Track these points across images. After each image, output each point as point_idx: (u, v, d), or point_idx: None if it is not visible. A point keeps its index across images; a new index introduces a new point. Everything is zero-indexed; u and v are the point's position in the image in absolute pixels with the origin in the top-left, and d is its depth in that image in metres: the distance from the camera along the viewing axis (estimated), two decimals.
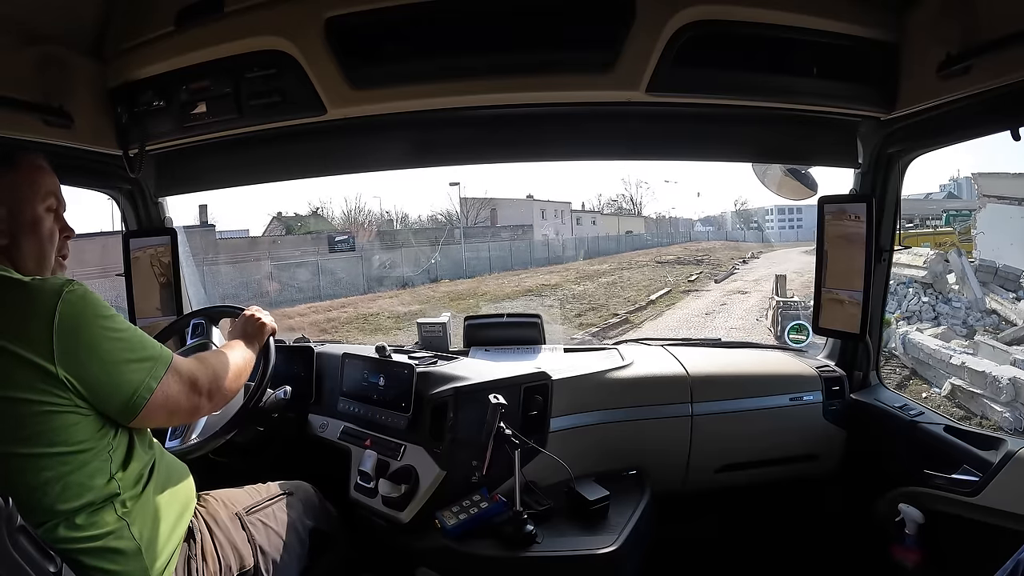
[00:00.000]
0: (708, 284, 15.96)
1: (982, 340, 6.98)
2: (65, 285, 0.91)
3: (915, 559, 1.50)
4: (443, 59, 1.33)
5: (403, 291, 15.26)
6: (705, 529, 1.88)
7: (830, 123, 1.57)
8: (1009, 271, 9.71)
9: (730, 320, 10.84)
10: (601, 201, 44.33)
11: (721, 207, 63.51)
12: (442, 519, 1.35)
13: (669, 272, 17.92)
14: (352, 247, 19.81)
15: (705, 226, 42.78)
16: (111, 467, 0.95)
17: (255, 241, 20.01)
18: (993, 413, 5.47)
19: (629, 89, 1.33)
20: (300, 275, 15.56)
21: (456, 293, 14.34)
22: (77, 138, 1.45)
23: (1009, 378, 5.45)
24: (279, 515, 1.28)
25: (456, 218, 28.17)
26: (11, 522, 0.79)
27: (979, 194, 10.59)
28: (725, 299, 12.99)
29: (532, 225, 27.66)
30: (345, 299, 13.94)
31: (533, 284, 15.47)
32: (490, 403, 1.32)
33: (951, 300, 8.45)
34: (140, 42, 1.42)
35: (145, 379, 0.95)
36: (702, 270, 18.57)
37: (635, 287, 14.99)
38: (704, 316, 11.44)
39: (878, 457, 1.71)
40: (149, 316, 1.90)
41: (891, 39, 1.35)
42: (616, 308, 12.00)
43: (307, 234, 22.43)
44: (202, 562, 1.09)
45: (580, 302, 12.89)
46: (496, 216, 28.39)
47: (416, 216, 33.91)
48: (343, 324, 11.36)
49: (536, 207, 29.39)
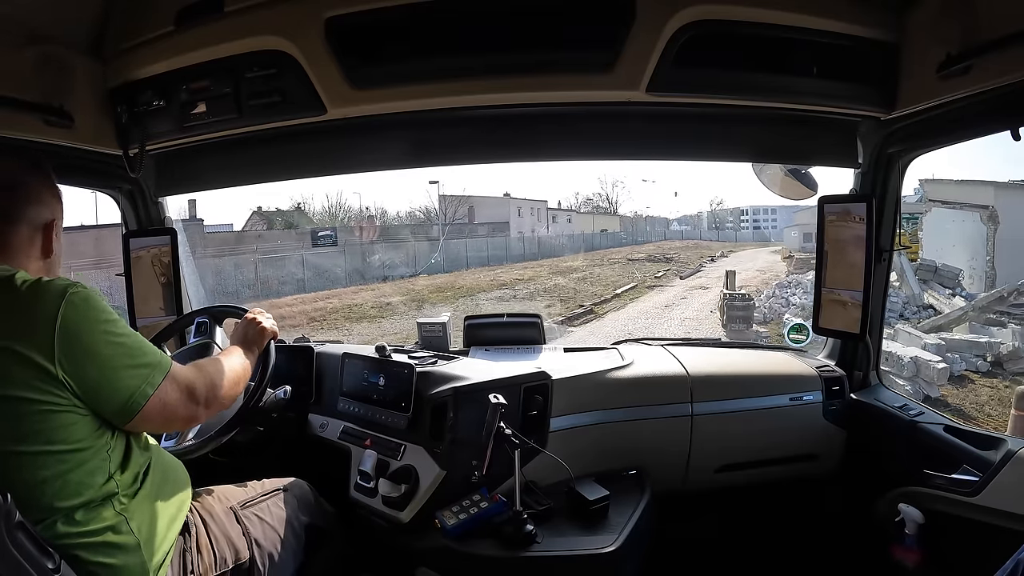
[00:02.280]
0: (674, 280, 16.76)
1: (900, 327, 8.03)
2: (69, 287, 0.92)
3: (915, 559, 1.50)
4: (443, 59, 1.33)
5: (384, 284, 15.89)
6: (705, 529, 1.88)
7: (830, 123, 1.57)
8: (947, 270, 10.66)
9: (687, 312, 11.73)
10: (578, 199, 45.25)
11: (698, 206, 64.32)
12: (442, 519, 1.35)
13: (638, 269, 18.79)
14: (335, 242, 20.15)
15: (681, 225, 43.60)
16: (110, 466, 0.96)
17: (241, 235, 20.49)
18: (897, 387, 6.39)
19: (629, 89, 1.33)
20: (286, 268, 16.00)
21: (435, 286, 15.01)
22: (77, 138, 1.45)
23: (911, 357, 6.56)
24: (274, 510, 1.29)
25: (435, 215, 28.69)
26: (9, 518, 0.80)
27: (926, 199, 11.17)
28: (686, 294, 13.93)
29: (508, 222, 28.28)
30: (329, 291, 14.57)
31: (508, 279, 16.25)
32: (490, 403, 1.32)
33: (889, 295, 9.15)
34: (140, 42, 1.42)
35: (142, 385, 0.96)
36: (670, 267, 19.43)
37: (604, 282, 15.79)
38: (664, 308, 12.40)
39: (878, 457, 1.71)
40: (149, 316, 1.90)
41: (891, 39, 1.35)
42: (583, 300, 12.87)
43: (289, 228, 22.79)
44: (197, 555, 1.10)
45: (551, 295, 13.82)
46: (474, 213, 28.84)
47: (394, 213, 34.51)
48: (330, 313, 11.97)
49: (513, 205, 30.01)
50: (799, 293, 11.27)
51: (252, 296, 13.93)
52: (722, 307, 9.96)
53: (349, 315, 11.86)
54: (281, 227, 23.39)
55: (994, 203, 9.67)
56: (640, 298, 13.68)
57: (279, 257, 16.51)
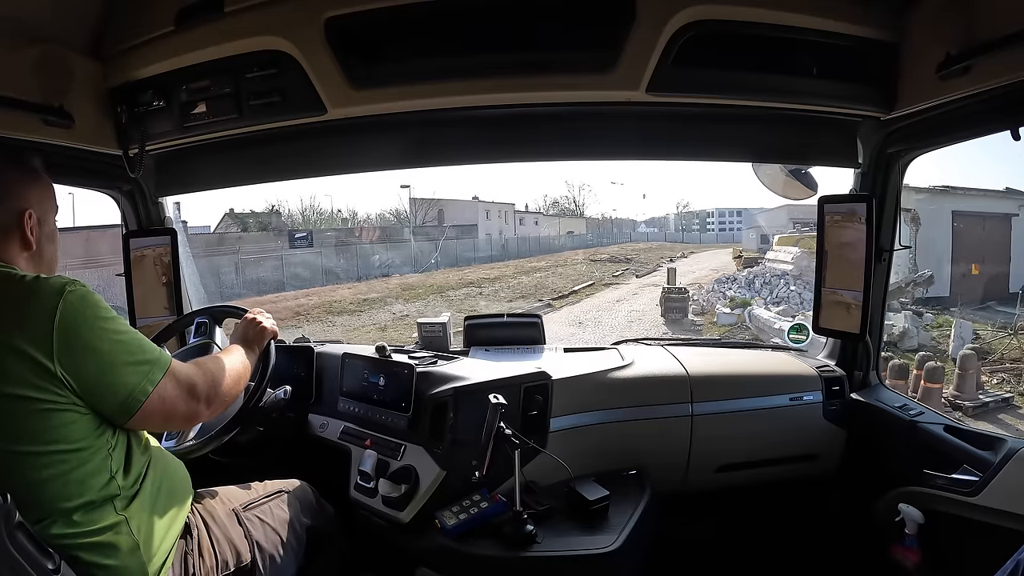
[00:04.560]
0: (630, 279, 18.02)
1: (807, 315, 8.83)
2: (67, 285, 0.92)
3: (915, 559, 1.50)
4: (443, 59, 1.33)
5: (359, 283, 16.91)
6: (705, 529, 1.88)
7: (830, 123, 1.57)
8: None
9: (635, 305, 13.07)
10: (546, 202, 46.18)
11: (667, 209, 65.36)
12: (442, 519, 1.35)
13: (599, 269, 20.03)
14: (311, 243, 21.00)
15: (649, 227, 44.48)
16: (111, 466, 0.95)
17: (223, 237, 21.21)
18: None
19: (629, 89, 1.32)
20: (265, 268, 16.95)
21: (407, 284, 16.15)
22: (77, 138, 1.45)
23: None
24: (276, 512, 1.28)
25: (405, 217, 29.36)
26: (9, 519, 0.80)
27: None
28: (638, 290, 15.28)
29: (477, 225, 29.13)
30: (308, 290, 15.62)
31: (475, 278, 17.40)
32: (490, 403, 1.31)
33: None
34: (140, 42, 1.42)
35: (141, 382, 0.95)
36: (628, 267, 20.76)
37: (565, 280, 17.17)
38: (615, 303, 13.64)
39: (878, 457, 1.71)
40: (149, 316, 1.90)
41: (891, 39, 1.35)
42: (542, 296, 14.29)
43: (263, 230, 23.39)
44: (199, 557, 1.10)
45: (514, 292, 15.23)
46: (443, 216, 29.44)
47: (364, 215, 35.00)
48: (312, 308, 12.99)
49: (481, 208, 30.86)
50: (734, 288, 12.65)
51: (235, 295, 14.46)
52: (662, 300, 11.33)
53: (330, 310, 12.83)
54: (255, 229, 23.93)
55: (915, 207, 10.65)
56: (596, 294, 14.98)
57: (260, 258, 17.42)
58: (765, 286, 12.63)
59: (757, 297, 11.76)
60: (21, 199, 1.01)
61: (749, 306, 10.56)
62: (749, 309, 10.17)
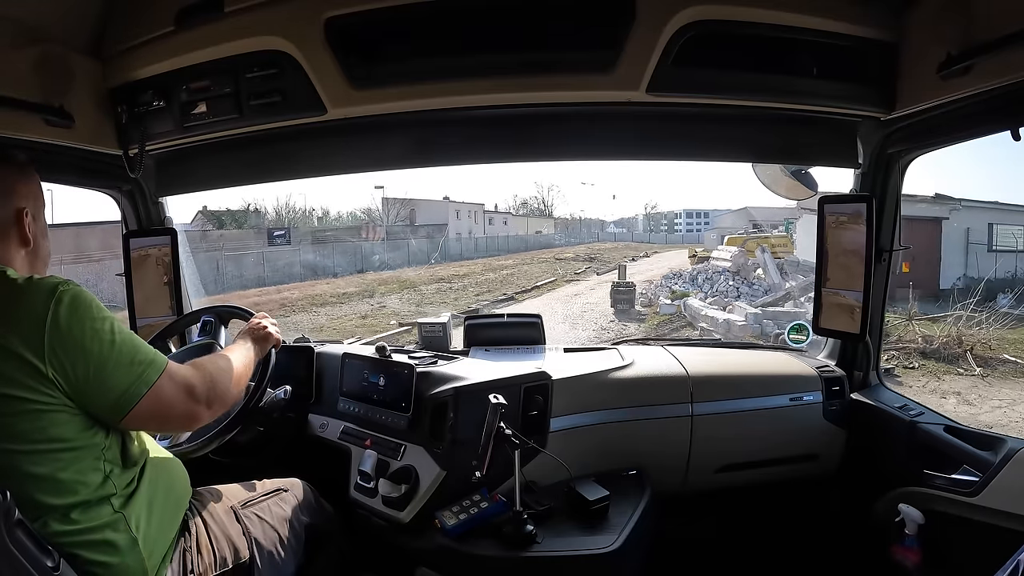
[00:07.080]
0: (591, 276, 19.03)
1: (735, 304, 10.80)
2: (60, 285, 0.92)
3: (915, 559, 1.50)
4: (444, 59, 1.33)
5: (336, 279, 18.00)
6: (705, 529, 1.88)
7: (830, 123, 1.57)
8: (807, 263, 12.50)
9: (590, 298, 13.97)
10: (516, 202, 46.80)
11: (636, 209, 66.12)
12: (442, 519, 1.35)
13: (563, 267, 21.17)
14: (289, 241, 21.95)
15: (618, 227, 45.03)
16: (105, 465, 0.95)
17: (205, 234, 22.11)
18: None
19: (629, 89, 1.33)
20: (246, 264, 17.90)
21: (380, 280, 17.26)
22: (77, 138, 1.45)
23: (723, 319, 9.37)
24: (275, 510, 1.28)
25: (378, 216, 29.99)
26: (9, 516, 0.79)
27: (799, 206, 12.73)
28: (596, 286, 16.04)
29: (448, 224, 29.77)
30: (290, 285, 16.66)
31: (446, 274, 18.49)
32: (490, 403, 1.31)
33: (753, 284, 12.67)
34: (140, 42, 1.42)
35: (135, 383, 0.95)
36: (591, 265, 21.69)
37: (529, 277, 18.36)
38: (572, 296, 14.78)
39: (878, 457, 1.71)
40: (149, 316, 1.90)
41: (891, 39, 1.35)
42: (507, 290, 15.47)
43: (239, 228, 24.00)
44: (197, 555, 1.09)
45: (481, 287, 16.43)
46: (415, 215, 29.96)
47: (336, 213, 35.45)
48: (295, 301, 13.92)
49: (451, 208, 31.36)
50: (679, 283, 13.92)
51: (220, 289, 15.00)
52: (612, 293, 12.37)
53: (313, 302, 13.88)
54: (232, 227, 24.42)
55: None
56: (556, 289, 16.31)
57: (241, 254, 18.50)
58: (707, 281, 13.53)
59: (698, 290, 13.04)
60: (17, 196, 1.01)
61: (687, 297, 12.02)
62: (685, 300, 11.62)
